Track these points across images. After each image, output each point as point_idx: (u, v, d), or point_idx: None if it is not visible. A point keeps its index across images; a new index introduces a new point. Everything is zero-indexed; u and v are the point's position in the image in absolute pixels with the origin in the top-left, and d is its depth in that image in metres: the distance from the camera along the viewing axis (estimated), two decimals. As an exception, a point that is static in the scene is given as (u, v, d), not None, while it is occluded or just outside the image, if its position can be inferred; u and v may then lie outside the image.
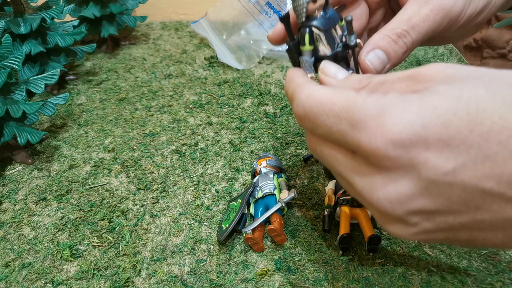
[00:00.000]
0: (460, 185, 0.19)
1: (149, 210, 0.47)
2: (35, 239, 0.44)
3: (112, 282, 0.39)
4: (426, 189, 0.19)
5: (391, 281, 0.38)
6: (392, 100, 0.20)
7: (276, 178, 0.46)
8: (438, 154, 0.19)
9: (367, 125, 0.20)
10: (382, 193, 0.21)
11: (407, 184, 0.20)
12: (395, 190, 0.20)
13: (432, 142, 0.19)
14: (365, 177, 0.22)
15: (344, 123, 0.21)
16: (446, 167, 0.19)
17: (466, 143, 0.18)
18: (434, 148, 0.19)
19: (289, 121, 0.59)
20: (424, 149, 0.19)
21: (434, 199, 0.20)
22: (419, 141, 0.19)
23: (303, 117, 0.24)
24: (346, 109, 0.21)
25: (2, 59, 0.52)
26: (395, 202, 0.20)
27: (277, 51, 0.74)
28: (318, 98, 0.23)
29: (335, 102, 0.22)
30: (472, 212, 0.19)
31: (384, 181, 0.21)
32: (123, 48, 0.80)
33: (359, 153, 0.21)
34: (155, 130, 0.58)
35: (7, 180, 0.51)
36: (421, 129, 0.19)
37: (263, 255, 0.41)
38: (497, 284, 0.38)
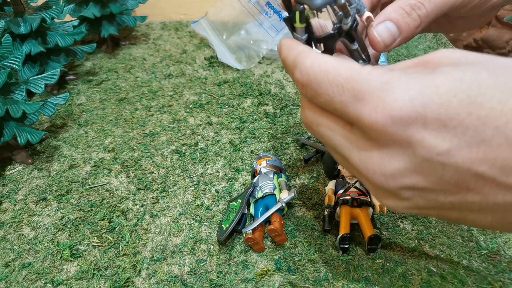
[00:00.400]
0: (453, 166, 0.19)
1: (149, 210, 0.47)
2: (35, 239, 0.44)
3: (112, 282, 0.39)
4: (420, 166, 0.20)
5: (391, 281, 0.38)
6: (396, 76, 0.20)
7: (276, 178, 0.46)
8: (434, 134, 0.19)
9: (369, 98, 0.20)
10: (378, 166, 0.21)
11: (402, 160, 0.20)
12: (390, 165, 0.21)
13: (430, 121, 0.19)
14: (362, 151, 0.22)
15: (346, 94, 0.21)
16: (441, 147, 0.19)
17: (463, 125, 0.18)
18: (431, 127, 0.19)
19: (289, 121, 0.59)
20: (421, 127, 0.19)
21: (427, 177, 0.20)
22: (417, 119, 0.19)
23: (305, 85, 0.23)
24: (350, 79, 0.21)
25: (2, 59, 0.52)
26: (389, 176, 0.21)
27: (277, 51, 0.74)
28: (323, 66, 0.22)
29: (339, 72, 0.22)
30: (463, 193, 0.20)
31: (380, 155, 0.21)
32: (123, 48, 0.80)
33: (358, 126, 0.21)
34: (155, 130, 0.58)
35: (7, 180, 0.51)
36: (421, 107, 0.19)
37: (263, 255, 0.41)
38: (497, 284, 0.38)
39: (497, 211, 0.20)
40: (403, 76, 0.20)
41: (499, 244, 0.41)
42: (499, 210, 0.20)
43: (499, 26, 0.97)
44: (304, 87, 0.24)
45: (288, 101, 0.63)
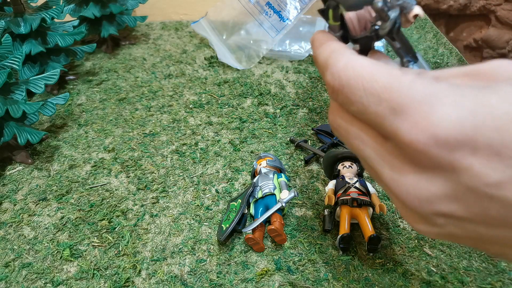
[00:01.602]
0: (502, 200, 0.17)
1: (149, 210, 0.47)
2: (35, 239, 0.44)
3: (112, 282, 0.39)
4: (462, 195, 0.18)
5: (391, 281, 0.38)
6: (444, 89, 0.18)
7: (276, 178, 0.46)
8: (484, 162, 0.17)
9: (411, 112, 0.18)
10: (413, 189, 0.19)
11: (442, 185, 0.18)
12: (427, 188, 0.18)
13: (481, 146, 0.16)
14: (396, 169, 0.19)
15: (384, 104, 0.19)
16: (491, 177, 0.17)
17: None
18: (482, 154, 0.17)
19: (289, 121, 0.59)
20: (470, 153, 0.17)
21: (468, 207, 0.18)
22: (466, 143, 0.17)
23: (337, 89, 0.21)
24: (389, 88, 0.19)
25: (2, 59, 0.52)
26: (424, 200, 0.19)
27: (277, 51, 0.74)
28: (358, 70, 0.20)
29: (376, 78, 0.19)
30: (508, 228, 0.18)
31: (416, 177, 0.19)
32: (123, 48, 0.80)
33: (394, 141, 0.19)
34: (155, 130, 0.58)
35: (7, 180, 0.51)
36: (471, 129, 0.16)
37: (263, 255, 0.41)
38: (497, 284, 0.38)
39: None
40: (452, 89, 0.17)
41: (499, 244, 0.41)
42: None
43: (499, 26, 0.97)
44: (335, 91, 0.21)
45: (288, 101, 0.63)
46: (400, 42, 0.25)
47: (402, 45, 0.26)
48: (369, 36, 0.25)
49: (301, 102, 0.63)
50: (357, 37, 0.25)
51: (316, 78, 0.70)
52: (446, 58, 0.75)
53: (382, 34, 0.24)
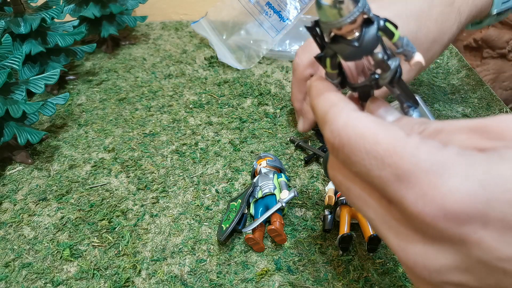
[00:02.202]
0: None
1: (149, 210, 0.47)
2: (35, 239, 0.44)
3: (112, 282, 0.39)
4: (474, 268, 0.17)
5: (391, 281, 0.38)
6: (452, 157, 0.17)
7: (276, 178, 0.46)
8: (496, 236, 0.16)
9: (417, 182, 0.17)
10: (421, 259, 0.18)
11: (452, 257, 0.17)
12: (436, 260, 0.18)
13: (492, 220, 0.16)
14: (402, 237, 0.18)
15: (387, 170, 0.18)
16: (504, 252, 0.16)
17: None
18: (493, 228, 0.16)
19: (289, 121, 0.59)
20: (481, 226, 0.16)
21: (480, 280, 0.17)
22: (476, 217, 0.16)
23: (337, 148, 0.20)
24: (393, 153, 0.18)
25: (2, 59, 0.52)
26: (433, 271, 0.18)
27: (277, 51, 0.74)
28: (359, 130, 0.19)
29: (379, 141, 0.18)
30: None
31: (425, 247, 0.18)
32: (123, 48, 0.80)
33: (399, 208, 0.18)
34: (155, 130, 0.58)
35: (7, 180, 0.51)
36: (482, 203, 0.16)
37: (263, 255, 0.41)
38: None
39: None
40: (461, 158, 0.17)
41: (499, 244, 0.41)
42: None
43: (499, 26, 0.97)
44: (335, 149, 0.20)
45: (288, 101, 0.63)
46: (400, 89, 0.24)
47: (402, 92, 0.24)
48: (368, 84, 0.24)
49: (301, 102, 0.63)
50: (356, 86, 0.24)
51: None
52: (446, 58, 0.75)
53: (382, 84, 0.23)
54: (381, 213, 0.19)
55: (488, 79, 1.14)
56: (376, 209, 0.19)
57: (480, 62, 1.13)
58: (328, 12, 0.20)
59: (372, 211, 0.20)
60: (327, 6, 0.20)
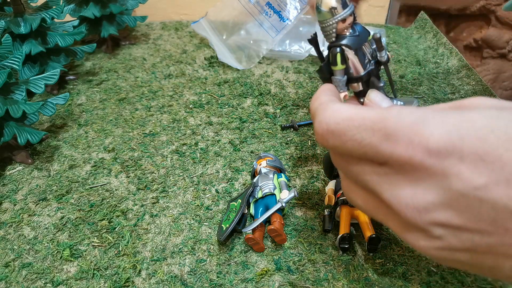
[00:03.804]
0: (490, 203, 0.18)
1: (149, 210, 0.47)
2: (35, 239, 0.44)
3: (112, 282, 0.39)
4: (456, 201, 0.19)
5: (391, 281, 0.38)
6: (429, 111, 0.20)
7: (276, 178, 0.46)
8: (471, 168, 0.19)
9: (403, 134, 0.20)
10: (411, 200, 0.21)
11: (437, 193, 0.20)
12: (424, 198, 0.20)
13: (467, 154, 0.19)
14: (394, 186, 0.21)
15: (377, 134, 0.21)
16: (478, 181, 0.18)
17: (501, 160, 0.18)
18: (469, 161, 0.19)
19: (289, 121, 0.59)
20: (458, 160, 0.19)
21: (462, 214, 0.19)
22: (454, 152, 0.19)
23: (325, 135, 0.23)
24: (379, 120, 0.21)
25: (2, 59, 0.52)
26: (422, 209, 0.20)
27: (277, 51, 0.74)
28: (345, 115, 0.22)
29: (365, 116, 0.22)
30: (501, 234, 0.19)
31: (414, 188, 0.20)
32: (123, 48, 0.80)
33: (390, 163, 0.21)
34: (155, 130, 0.58)
35: (7, 180, 0.51)
36: (458, 139, 0.19)
37: (263, 255, 0.41)
38: (497, 284, 0.38)
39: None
40: (436, 112, 0.20)
41: (499, 244, 0.41)
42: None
43: (499, 26, 0.97)
44: (324, 137, 0.23)
45: (288, 101, 0.63)
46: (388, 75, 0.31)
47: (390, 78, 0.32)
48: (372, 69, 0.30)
49: (301, 102, 0.63)
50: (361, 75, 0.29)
51: (316, 78, 0.70)
52: (446, 58, 0.75)
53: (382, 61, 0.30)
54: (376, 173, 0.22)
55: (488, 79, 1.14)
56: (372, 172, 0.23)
57: (480, 62, 1.13)
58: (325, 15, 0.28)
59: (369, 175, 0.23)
60: (325, 12, 0.28)
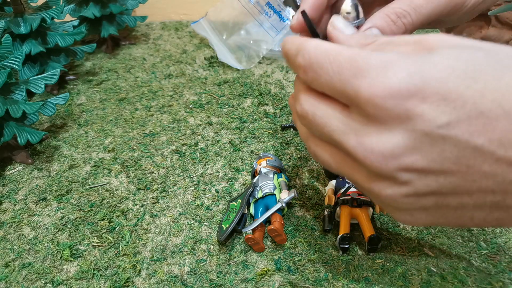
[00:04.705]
0: (453, 140, 0.19)
1: (149, 210, 0.47)
2: (35, 239, 0.44)
3: (112, 282, 0.39)
4: (420, 142, 0.20)
5: (391, 281, 0.38)
6: (395, 55, 0.21)
7: (276, 178, 0.46)
8: (434, 107, 0.19)
9: (368, 74, 0.21)
10: (376, 144, 0.21)
11: (401, 135, 0.20)
12: (389, 142, 0.20)
13: (429, 95, 0.19)
14: (360, 133, 0.21)
15: (345, 72, 0.21)
16: (441, 120, 0.19)
17: (462, 98, 0.19)
18: (431, 101, 0.19)
19: (289, 121, 0.59)
20: (421, 101, 0.19)
21: (427, 154, 0.20)
22: (416, 93, 0.19)
23: (307, 67, 0.24)
24: (350, 59, 0.21)
25: (2, 59, 0.52)
26: (388, 154, 0.20)
27: (277, 51, 0.74)
28: (325, 48, 0.23)
29: (340, 53, 0.22)
30: (463, 172, 0.20)
31: (378, 132, 0.21)
32: (123, 48, 0.80)
33: (356, 104, 0.21)
34: (155, 130, 0.58)
35: (7, 180, 0.51)
36: (419, 81, 0.19)
37: (263, 255, 0.41)
38: (497, 284, 0.38)
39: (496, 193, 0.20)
40: (402, 55, 0.21)
41: (499, 244, 0.41)
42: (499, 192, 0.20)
43: (499, 26, 0.97)
44: (306, 70, 0.24)
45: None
46: None
47: None
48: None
49: (301, 102, 0.63)
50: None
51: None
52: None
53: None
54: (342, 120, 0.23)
55: (488, 79, 1.14)
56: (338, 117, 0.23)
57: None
58: None
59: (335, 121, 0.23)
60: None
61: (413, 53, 0.21)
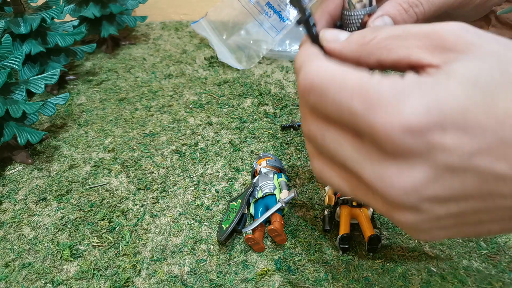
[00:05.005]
0: (475, 169, 0.19)
1: (149, 210, 0.47)
2: (35, 239, 0.44)
3: (112, 282, 0.39)
4: (442, 174, 0.19)
5: (391, 281, 0.38)
6: (409, 84, 0.20)
7: (276, 178, 0.46)
8: (454, 139, 0.19)
9: (382, 108, 0.19)
10: (397, 181, 0.20)
11: (423, 170, 0.19)
12: (410, 178, 0.20)
13: (448, 126, 0.19)
14: (377, 164, 0.20)
15: (355, 102, 0.20)
16: (462, 151, 0.19)
17: (482, 127, 0.18)
18: (450, 133, 0.19)
19: (289, 121, 0.59)
20: (440, 134, 0.19)
21: (449, 185, 0.19)
22: (436, 126, 0.19)
23: (309, 90, 0.22)
24: (360, 87, 0.20)
25: (2, 59, 0.52)
26: (410, 190, 0.20)
27: (277, 51, 0.74)
28: (329, 72, 0.22)
29: (348, 78, 0.21)
30: (485, 197, 0.20)
31: (398, 168, 0.20)
32: (123, 48, 0.80)
33: (370, 137, 0.20)
34: (155, 130, 0.58)
35: (7, 180, 0.51)
36: (438, 114, 0.19)
37: (263, 255, 0.41)
38: (497, 284, 0.38)
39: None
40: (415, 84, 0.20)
41: (499, 244, 0.41)
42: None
43: (499, 26, 0.97)
44: (308, 92, 0.22)
45: (288, 101, 0.63)
46: None
47: None
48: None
49: (301, 102, 0.63)
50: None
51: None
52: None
53: None
54: (356, 147, 0.21)
55: (488, 79, 1.14)
56: (351, 145, 0.22)
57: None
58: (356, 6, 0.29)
59: (347, 149, 0.22)
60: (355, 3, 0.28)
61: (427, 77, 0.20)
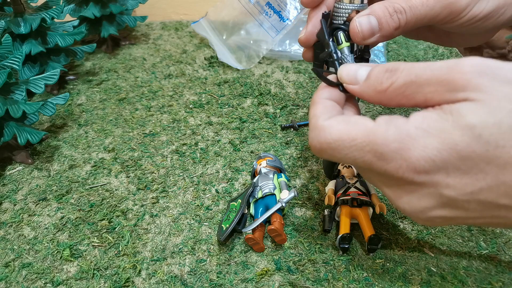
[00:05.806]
0: (478, 202, 0.22)
1: (149, 210, 0.47)
2: (35, 239, 0.44)
3: (112, 282, 0.39)
4: (447, 203, 0.23)
5: (391, 281, 0.38)
6: (413, 132, 0.22)
7: (276, 178, 0.46)
8: (458, 180, 0.22)
9: (392, 158, 0.23)
10: (407, 204, 0.25)
11: (430, 200, 0.23)
12: (419, 204, 0.24)
13: (451, 171, 0.22)
14: (391, 189, 0.25)
15: (368, 155, 0.23)
16: (465, 190, 0.22)
17: (483, 172, 0.21)
18: (454, 175, 0.22)
19: (289, 121, 0.59)
20: (445, 176, 0.22)
21: (454, 211, 0.23)
22: (440, 171, 0.22)
23: (318, 151, 0.26)
24: (368, 142, 0.23)
25: (2, 59, 0.52)
26: (418, 211, 0.24)
27: (277, 51, 0.74)
28: (335, 135, 0.25)
29: (355, 137, 0.24)
30: (488, 218, 0.23)
31: (409, 196, 0.24)
32: (123, 48, 0.80)
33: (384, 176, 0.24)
34: (155, 130, 0.58)
35: (7, 180, 0.51)
36: (441, 163, 0.22)
37: (263, 255, 0.41)
38: (497, 284, 0.38)
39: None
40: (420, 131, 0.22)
41: (499, 244, 0.41)
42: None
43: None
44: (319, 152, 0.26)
45: (288, 101, 0.63)
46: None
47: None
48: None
49: (301, 102, 0.63)
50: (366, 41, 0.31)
51: (316, 78, 0.70)
52: (446, 58, 0.75)
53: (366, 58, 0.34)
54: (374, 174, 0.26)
55: (488, 79, 1.14)
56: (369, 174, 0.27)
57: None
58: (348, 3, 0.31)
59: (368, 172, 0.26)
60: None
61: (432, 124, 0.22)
